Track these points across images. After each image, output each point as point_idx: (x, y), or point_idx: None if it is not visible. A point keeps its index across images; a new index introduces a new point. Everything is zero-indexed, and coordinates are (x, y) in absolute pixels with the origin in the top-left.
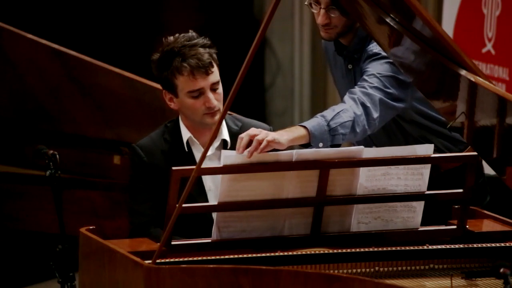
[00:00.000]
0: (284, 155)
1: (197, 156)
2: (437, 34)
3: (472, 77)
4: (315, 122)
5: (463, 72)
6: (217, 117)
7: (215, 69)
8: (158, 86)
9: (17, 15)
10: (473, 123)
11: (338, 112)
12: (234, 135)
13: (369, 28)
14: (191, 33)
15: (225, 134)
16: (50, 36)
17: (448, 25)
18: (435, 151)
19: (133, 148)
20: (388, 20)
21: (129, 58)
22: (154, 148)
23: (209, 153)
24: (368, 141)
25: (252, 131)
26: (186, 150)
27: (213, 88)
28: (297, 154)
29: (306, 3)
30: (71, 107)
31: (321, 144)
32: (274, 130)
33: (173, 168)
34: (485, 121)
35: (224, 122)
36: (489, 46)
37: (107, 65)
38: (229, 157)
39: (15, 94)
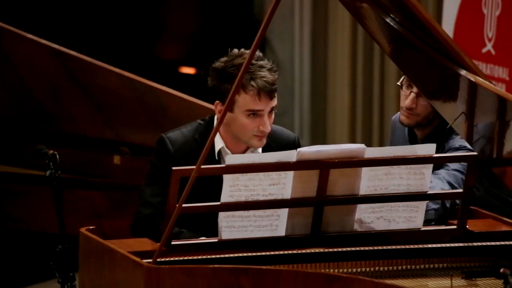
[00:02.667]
0: (285, 155)
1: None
2: (437, 34)
3: (472, 77)
4: None
5: (463, 72)
6: (264, 141)
7: (276, 96)
8: (158, 86)
9: (17, 15)
10: (473, 123)
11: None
12: (265, 145)
13: (369, 28)
14: (259, 53)
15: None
16: (50, 36)
17: (448, 25)
18: None
19: (162, 139)
20: (388, 20)
21: (129, 58)
22: (184, 145)
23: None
24: None
25: None
26: (217, 159)
27: (270, 111)
28: (299, 154)
29: (398, 83)
30: (71, 107)
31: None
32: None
33: (173, 168)
34: (485, 121)
35: None
36: (489, 46)
37: (107, 65)
38: (232, 157)
39: (15, 94)
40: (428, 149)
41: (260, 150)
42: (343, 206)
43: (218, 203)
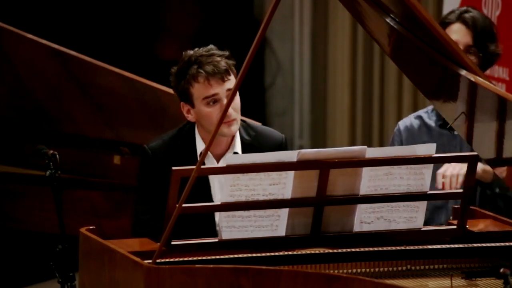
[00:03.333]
0: (285, 155)
1: (208, 166)
2: (437, 34)
3: (472, 77)
4: None
5: (463, 72)
6: (235, 126)
7: (232, 78)
8: (158, 86)
9: (17, 15)
10: (473, 123)
11: None
12: (246, 146)
13: (369, 28)
14: (211, 46)
15: (237, 146)
16: (50, 36)
17: None
18: None
19: (143, 150)
20: (388, 20)
21: (129, 58)
22: (165, 152)
23: (220, 164)
24: None
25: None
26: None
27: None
28: (299, 154)
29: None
30: (71, 107)
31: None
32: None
33: (173, 168)
34: (485, 121)
35: (237, 133)
36: None
37: (107, 65)
38: (232, 157)
39: (15, 94)
40: (428, 149)
41: (239, 151)
42: (343, 206)
43: (218, 203)
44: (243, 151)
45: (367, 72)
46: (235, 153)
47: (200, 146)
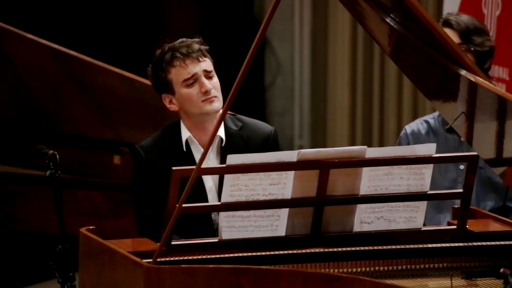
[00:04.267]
0: (285, 155)
1: (196, 155)
2: (437, 34)
3: (472, 77)
4: None
5: (463, 72)
6: (216, 104)
7: (208, 60)
8: None
9: (17, 15)
10: (473, 123)
11: None
12: (232, 135)
13: (369, 28)
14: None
15: (221, 131)
16: (50, 36)
17: None
18: None
19: (135, 149)
20: (388, 20)
21: (129, 58)
22: (154, 148)
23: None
24: None
25: None
26: (185, 150)
27: (208, 76)
28: (299, 154)
29: None
30: (71, 107)
31: None
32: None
33: (173, 168)
34: (485, 121)
35: (222, 123)
36: None
37: (107, 65)
38: (233, 157)
39: (15, 94)
40: (428, 149)
41: (223, 136)
42: (343, 206)
43: (218, 203)
44: (230, 141)
45: (367, 72)
46: (220, 137)
47: (185, 134)
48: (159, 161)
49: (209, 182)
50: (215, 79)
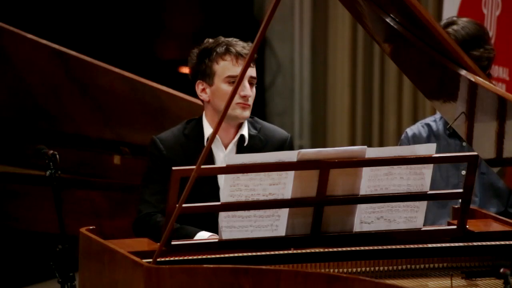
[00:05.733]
0: (286, 155)
1: (216, 152)
2: (437, 34)
3: (472, 77)
4: None
5: (463, 72)
6: (247, 112)
7: (255, 69)
8: (159, 86)
9: (17, 15)
10: (473, 123)
11: None
12: (252, 137)
13: (369, 28)
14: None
15: (244, 130)
16: (50, 36)
17: None
18: None
19: (153, 140)
20: (388, 20)
21: (129, 58)
22: (174, 142)
23: (228, 149)
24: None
25: None
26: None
27: (251, 83)
28: (299, 154)
29: None
30: (71, 107)
31: None
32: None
33: (173, 168)
34: (485, 121)
35: (245, 123)
36: None
37: (107, 65)
38: (233, 157)
39: (15, 94)
40: (428, 149)
41: (246, 134)
42: (343, 206)
43: (218, 203)
44: (249, 142)
45: (367, 72)
46: (242, 135)
47: (208, 130)
48: (177, 155)
49: (222, 179)
50: (254, 90)
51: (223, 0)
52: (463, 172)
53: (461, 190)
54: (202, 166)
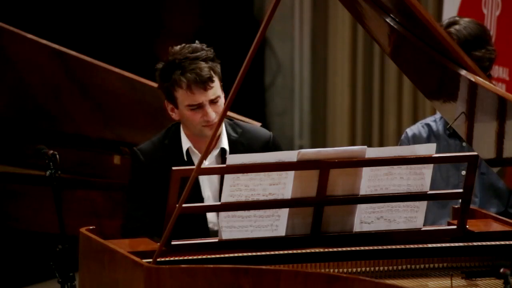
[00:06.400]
0: (285, 155)
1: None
2: (437, 34)
3: (472, 77)
4: None
5: (463, 72)
6: (214, 125)
7: (216, 84)
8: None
9: (17, 15)
10: (473, 123)
11: None
12: (233, 142)
13: (369, 28)
14: (196, 44)
15: (224, 142)
16: (50, 36)
17: None
18: None
19: (133, 152)
20: (388, 20)
21: (129, 58)
22: (154, 153)
23: (208, 161)
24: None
25: None
26: (186, 160)
27: (214, 101)
28: (299, 154)
29: None
30: (71, 107)
31: None
32: (273, 130)
33: (173, 168)
34: (485, 121)
35: (224, 130)
36: None
37: (107, 65)
38: (233, 157)
39: (15, 94)
40: (428, 149)
41: (226, 147)
42: (343, 206)
43: (218, 203)
44: (230, 148)
45: (367, 72)
46: (222, 149)
47: (186, 144)
48: (158, 167)
49: (207, 191)
50: (220, 101)
51: (223, 0)
52: (463, 172)
53: (461, 190)
54: (202, 166)
